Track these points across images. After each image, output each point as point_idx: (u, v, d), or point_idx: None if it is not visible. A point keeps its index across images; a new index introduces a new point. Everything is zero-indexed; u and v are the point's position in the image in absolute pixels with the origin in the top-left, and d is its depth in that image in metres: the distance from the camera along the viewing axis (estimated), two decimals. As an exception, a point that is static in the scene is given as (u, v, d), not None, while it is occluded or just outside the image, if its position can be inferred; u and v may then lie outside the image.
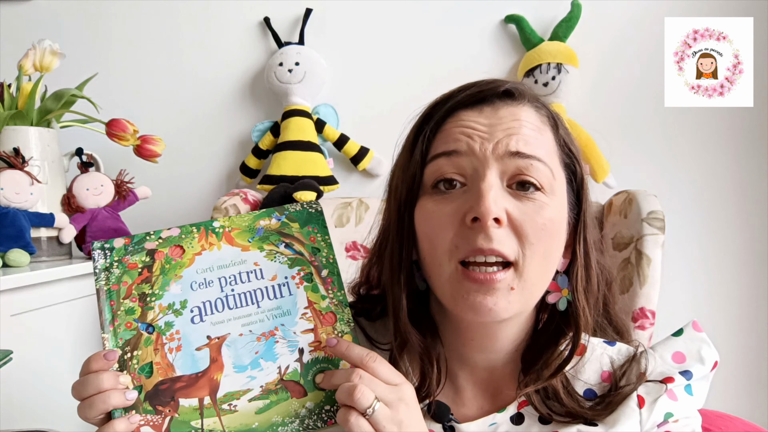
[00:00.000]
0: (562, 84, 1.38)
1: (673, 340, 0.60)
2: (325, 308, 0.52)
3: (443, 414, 0.57)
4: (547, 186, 0.53)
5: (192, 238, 0.53)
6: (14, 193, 1.17)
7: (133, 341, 0.51)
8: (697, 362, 0.58)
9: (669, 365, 0.58)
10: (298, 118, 1.45)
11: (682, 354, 0.58)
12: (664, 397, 0.55)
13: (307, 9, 1.49)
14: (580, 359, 0.59)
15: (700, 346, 0.59)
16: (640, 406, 0.55)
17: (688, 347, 0.59)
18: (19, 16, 1.58)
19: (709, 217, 1.44)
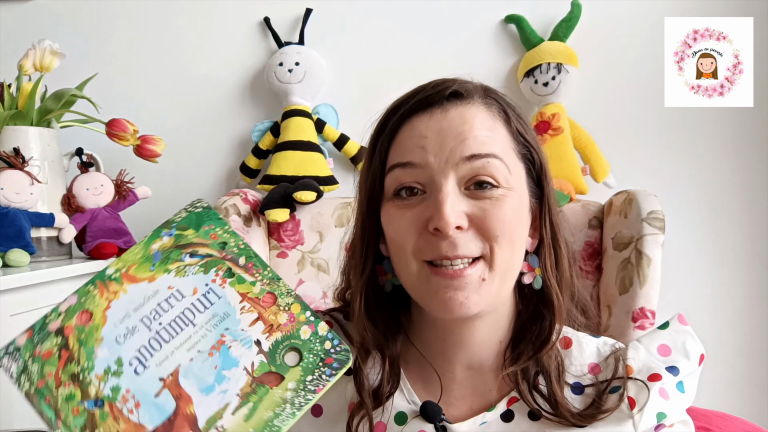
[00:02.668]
0: (562, 84, 1.38)
1: (658, 333, 0.60)
2: (259, 292, 0.51)
3: (435, 414, 0.57)
4: (503, 181, 0.54)
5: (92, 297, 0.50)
6: (14, 193, 1.17)
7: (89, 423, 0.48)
8: (683, 356, 0.58)
9: (654, 358, 0.57)
10: (298, 118, 1.45)
11: (668, 347, 0.58)
12: (656, 395, 0.55)
13: (307, 9, 1.49)
14: (566, 352, 0.59)
15: (685, 339, 0.58)
16: (631, 408, 0.55)
17: (673, 340, 0.58)
18: (19, 16, 1.58)
19: (709, 217, 1.44)
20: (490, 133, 0.55)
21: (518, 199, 0.56)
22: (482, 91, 0.59)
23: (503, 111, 0.58)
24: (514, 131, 0.57)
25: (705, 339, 1.48)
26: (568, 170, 1.36)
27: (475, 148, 0.54)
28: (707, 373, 1.49)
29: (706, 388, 1.44)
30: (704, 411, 1.11)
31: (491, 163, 0.54)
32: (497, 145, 0.55)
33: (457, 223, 0.52)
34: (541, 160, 0.59)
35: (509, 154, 0.56)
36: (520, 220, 0.56)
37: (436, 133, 0.55)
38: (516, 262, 0.56)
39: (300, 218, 1.39)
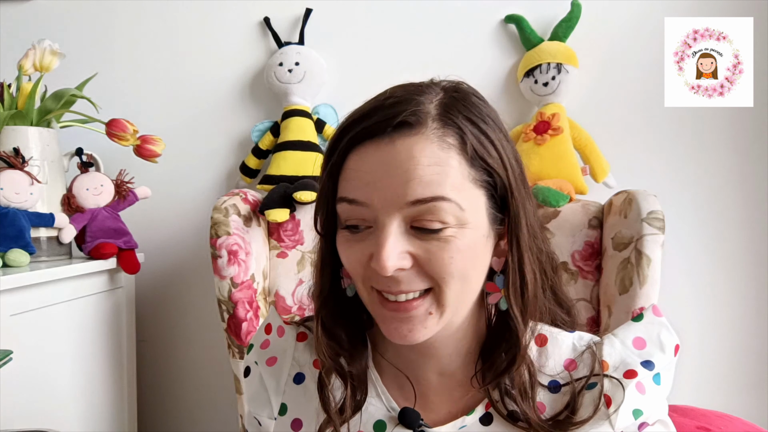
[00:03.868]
0: (562, 84, 1.38)
1: (633, 326, 0.59)
2: None
3: (413, 420, 0.57)
4: (453, 220, 0.51)
5: None
6: (14, 193, 1.17)
7: None
8: (658, 349, 0.57)
9: (630, 351, 0.57)
10: (297, 118, 1.45)
11: (643, 339, 0.58)
12: (632, 391, 0.55)
13: (307, 9, 1.49)
14: (541, 350, 0.59)
15: (660, 331, 0.58)
16: (607, 406, 0.54)
17: (648, 332, 0.58)
18: (19, 16, 1.58)
19: (709, 216, 1.44)
20: (439, 168, 0.50)
21: (472, 233, 0.53)
22: (438, 111, 0.53)
23: (459, 134, 0.52)
24: (470, 157, 0.52)
25: (705, 339, 1.49)
26: (568, 170, 1.36)
27: (420, 191, 0.50)
28: (707, 373, 1.50)
29: (706, 388, 1.44)
30: (704, 411, 1.11)
31: (438, 207, 0.50)
32: (447, 182, 0.51)
33: (397, 266, 0.51)
34: (507, 181, 0.54)
35: (463, 186, 0.52)
36: (474, 255, 0.53)
37: (381, 169, 0.51)
38: (468, 296, 0.55)
39: (300, 218, 1.39)
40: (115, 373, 1.33)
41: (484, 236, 0.54)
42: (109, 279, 1.32)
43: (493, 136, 0.54)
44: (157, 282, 1.58)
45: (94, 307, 1.26)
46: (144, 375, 1.55)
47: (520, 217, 0.54)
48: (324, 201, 0.57)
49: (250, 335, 1.25)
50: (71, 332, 1.18)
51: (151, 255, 1.51)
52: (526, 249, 0.55)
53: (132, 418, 1.41)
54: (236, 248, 1.26)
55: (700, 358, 1.43)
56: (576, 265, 1.30)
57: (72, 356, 1.18)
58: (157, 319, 1.59)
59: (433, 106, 0.53)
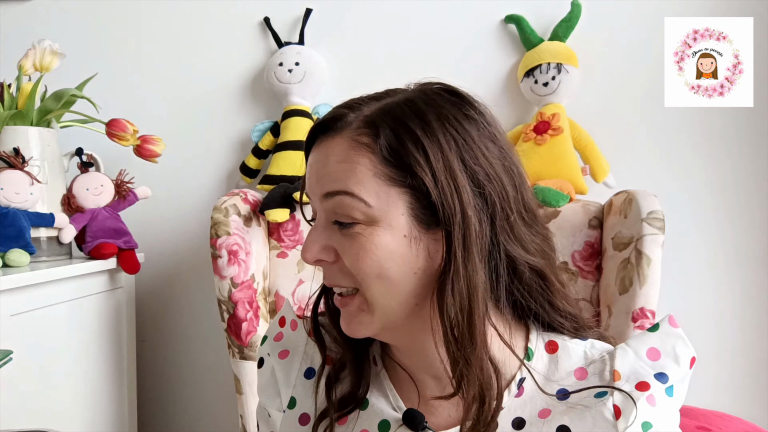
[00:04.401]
0: (562, 84, 1.38)
1: (648, 336, 0.56)
2: None
3: (417, 422, 0.57)
4: (361, 216, 0.52)
5: None
6: (14, 193, 1.17)
7: None
8: (673, 361, 0.55)
9: (643, 362, 0.55)
10: (298, 118, 1.45)
11: (657, 350, 0.55)
12: (643, 403, 0.52)
13: (307, 9, 1.49)
14: (551, 357, 0.57)
15: (675, 343, 0.55)
16: (616, 417, 0.52)
17: (663, 343, 0.55)
18: (19, 16, 1.58)
19: (709, 216, 1.44)
20: (346, 165, 0.52)
21: (386, 232, 0.52)
22: (366, 114, 0.54)
23: (374, 135, 0.53)
24: (383, 155, 0.52)
25: (705, 339, 1.49)
26: (568, 170, 1.36)
27: (328, 186, 0.54)
28: (707, 373, 1.50)
29: (706, 388, 1.44)
30: (704, 411, 1.11)
31: (342, 201, 0.53)
32: (352, 178, 0.52)
33: (316, 257, 0.55)
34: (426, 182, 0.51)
35: (371, 184, 0.52)
36: (390, 255, 0.52)
37: (311, 168, 0.57)
38: (399, 295, 0.54)
39: (300, 218, 1.39)
40: (115, 373, 1.33)
41: (404, 236, 0.52)
42: (109, 279, 1.32)
43: (424, 138, 0.52)
44: (157, 282, 1.58)
45: (94, 307, 1.26)
46: (144, 375, 1.55)
47: (453, 225, 0.51)
48: None
49: (250, 335, 1.25)
50: (71, 332, 1.18)
51: (151, 255, 1.51)
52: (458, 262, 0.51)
53: (132, 418, 1.41)
54: (236, 248, 1.26)
55: (699, 358, 1.42)
56: (576, 265, 1.30)
57: (72, 356, 1.18)
58: (157, 319, 1.59)
59: (366, 107, 0.56)
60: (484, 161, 0.53)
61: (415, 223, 0.53)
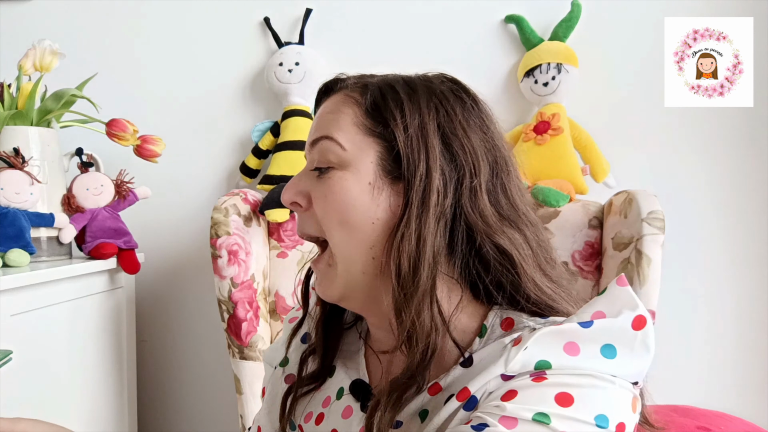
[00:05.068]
0: (562, 84, 1.38)
1: (595, 300, 0.48)
2: None
3: (361, 391, 0.59)
4: (336, 160, 0.56)
5: None
6: (14, 193, 1.17)
7: None
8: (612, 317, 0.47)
9: None
10: (298, 118, 1.45)
11: (602, 313, 0.47)
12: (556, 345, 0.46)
13: (307, 9, 1.49)
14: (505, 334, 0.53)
15: (623, 301, 0.47)
16: (514, 344, 0.47)
17: (611, 305, 0.47)
18: (19, 16, 1.58)
19: (709, 216, 1.44)
20: (333, 115, 0.58)
21: (353, 177, 0.55)
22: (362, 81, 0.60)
23: (362, 90, 0.58)
24: (366, 109, 0.57)
25: (705, 339, 1.48)
26: (568, 170, 1.36)
27: (314, 134, 0.59)
28: (707, 373, 1.50)
29: (707, 388, 1.44)
30: (704, 411, 1.11)
31: (323, 145, 0.57)
32: (335, 125, 0.57)
33: (292, 199, 0.59)
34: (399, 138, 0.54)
35: (350, 131, 0.56)
36: (352, 200, 0.55)
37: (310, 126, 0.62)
38: (358, 245, 0.55)
39: (300, 218, 1.39)
40: (115, 373, 1.33)
41: (369, 184, 0.55)
42: (109, 279, 1.32)
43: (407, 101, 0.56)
44: (157, 282, 1.58)
45: (94, 307, 1.26)
46: (144, 375, 1.55)
47: (414, 179, 0.53)
48: None
49: (250, 335, 1.25)
50: (71, 332, 1.18)
51: (151, 255, 1.51)
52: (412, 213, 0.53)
53: (132, 418, 1.41)
54: (236, 248, 1.26)
55: (700, 358, 1.43)
56: (576, 265, 1.30)
57: (72, 356, 1.18)
58: (157, 319, 1.59)
59: (368, 78, 0.60)
60: (462, 134, 0.55)
61: (381, 173, 0.55)
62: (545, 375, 0.45)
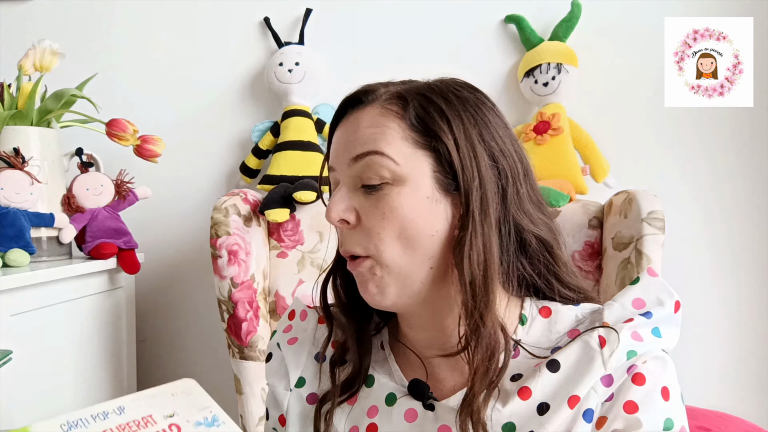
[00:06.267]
0: (562, 84, 1.38)
1: (630, 289, 0.59)
2: None
3: (423, 391, 0.59)
4: (390, 175, 0.56)
5: None
6: (14, 193, 1.17)
7: None
8: (657, 305, 0.58)
9: (629, 312, 0.58)
10: (298, 117, 1.45)
11: (642, 300, 0.58)
12: (627, 336, 0.55)
13: (307, 9, 1.49)
14: (545, 322, 0.60)
15: (658, 289, 0.58)
16: (601, 345, 0.54)
17: (646, 293, 0.58)
18: (19, 16, 1.58)
19: (709, 216, 1.44)
20: (376, 129, 0.57)
21: (411, 192, 0.56)
22: (394, 90, 0.59)
23: (402, 102, 0.58)
24: (412, 121, 0.57)
25: (705, 339, 1.48)
26: (568, 170, 1.36)
27: (357, 149, 0.57)
28: (707, 373, 1.50)
29: (707, 388, 1.44)
30: (704, 411, 1.11)
31: (372, 161, 0.56)
32: (382, 139, 0.56)
33: (340, 217, 0.58)
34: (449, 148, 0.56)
35: (400, 145, 0.56)
36: (414, 216, 0.56)
37: (339, 138, 0.60)
38: (417, 257, 0.57)
39: (300, 218, 1.39)
40: (115, 373, 1.33)
41: (427, 198, 0.56)
42: (109, 279, 1.32)
43: (448, 111, 0.57)
44: (157, 282, 1.58)
45: (94, 307, 1.26)
46: (144, 375, 1.55)
47: (471, 188, 0.56)
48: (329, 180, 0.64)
49: (251, 335, 1.25)
50: (71, 332, 1.18)
51: (151, 255, 1.51)
52: (476, 222, 0.55)
53: (132, 418, 1.41)
54: (236, 248, 1.26)
55: (700, 357, 1.43)
56: (576, 265, 1.30)
57: (72, 356, 1.18)
58: (157, 319, 1.59)
59: (393, 86, 0.60)
60: (499, 139, 0.58)
61: (437, 186, 0.57)
62: (639, 370, 0.54)
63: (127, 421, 0.51)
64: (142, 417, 0.52)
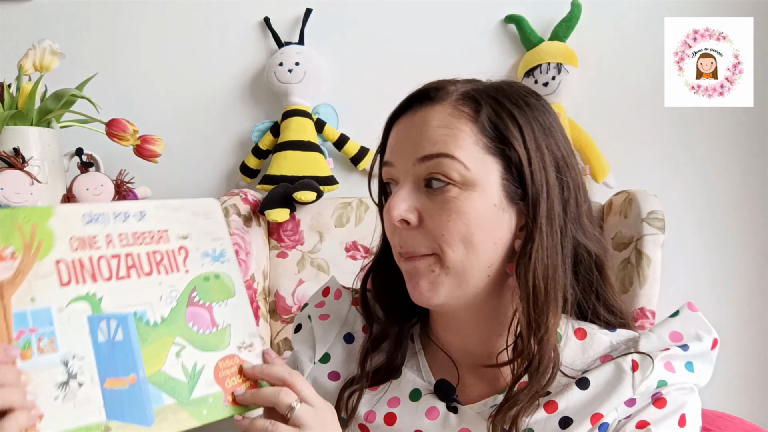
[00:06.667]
0: (562, 84, 1.38)
1: (669, 321, 0.59)
2: None
3: (448, 393, 0.59)
4: (459, 179, 0.55)
5: None
6: (14, 193, 1.17)
7: None
8: (695, 340, 0.57)
9: (665, 344, 0.57)
10: (298, 118, 1.45)
11: (679, 333, 0.58)
12: (660, 365, 0.54)
13: (307, 9, 1.49)
14: (580, 344, 0.59)
15: (698, 325, 0.58)
16: (633, 369, 0.54)
17: (684, 327, 0.58)
18: (19, 16, 1.58)
19: (709, 216, 1.44)
20: (448, 130, 0.56)
21: (480, 198, 0.55)
22: (464, 89, 0.58)
23: (475, 105, 0.57)
24: (484, 125, 0.56)
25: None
26: (568, 170, 1.36)
27: (427, 149, 0.56)
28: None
29: (707, 388, 1.44)
30: (704, 411, 1.11)
31: (442, 163, 0.55)
32: (453, 142, 0.55)
33: (402, 216, 0.56)
34: (520, 156, 0.55)
35: (471, 149, 0.55)
36: (481, 222, 0.55)
37: (403, 134, 0.59)
38: (478, 262, 0.56)
39: (300, 218, 1.39)
40: (115, 373, 1.33)
41: (495, 206, 0.56)
42: (109, 279, 1.31)
43: (520, 118, 0.56)
44: (157, 282, 1.58)
45: (94, 307, 1.26)
46: (144, 375, 1.55)
47: (540, 198, 0.55)
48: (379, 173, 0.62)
49: (250, 335, 1.25)
50: (71, 332, 1.18)
51: (151, 255, 1.51)
52: (543, 233, 0.55)
53: (132, 418, 1.41)
54: (236, 248, 1.26)
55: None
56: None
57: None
58: (157, 319, 1.59)
59: (461, 85, 0.59)
60: (563, 150, 0.58)
61: (504, 194, 0.56)
62: (663, 395, 0.54)
63: (143, 231, 0.52)
64: (158, 230, 0.53)
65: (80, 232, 0.49)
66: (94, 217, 0.51)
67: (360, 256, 1.35)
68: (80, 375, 0.46)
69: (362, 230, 1.36)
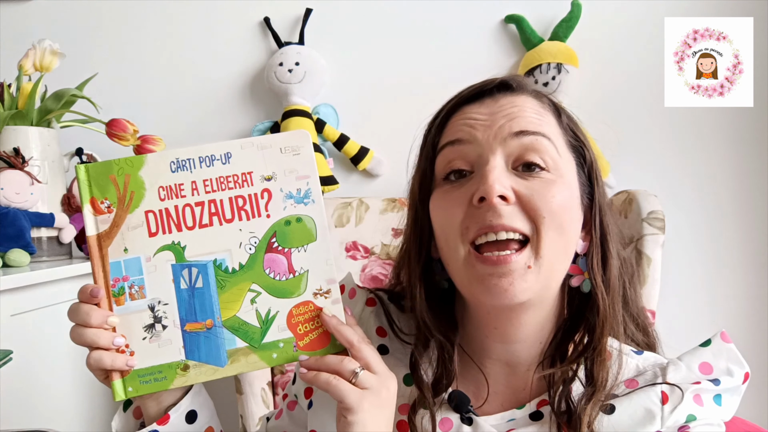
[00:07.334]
0: (562, 84, 1.38)
1: (700, 351, 0.58)
2: None
3: (463, 404, 0.58)
4: (552, 164, 0.55)
5: None
6: (14, 193, 1.17)
7: None
8: (726, 374, 0.56)
9: (695, 375, 0.56)
10: (298, 118, 1.45)
11: (710, 365, 0.57)
12: (689, 398, 0.54)
13: (307, 9, 1.49)
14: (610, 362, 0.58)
15: (729, 359, 0.57)
16: (663, 402, 0.54)
17: (716, 360, 0.57)
18: (19, 16, 1.58)
19: (709, 216, 1.44)
20: (540, 117, 0.56)
21: (567, 187, 0.55)
22: (532, 87, 0.61)
23: (553, 105, 0.59)
24: (564, 123, 0.58)
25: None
26: (568, 170, 1.36)
27: (524, 125, 0.55)
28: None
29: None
30: (704, 411, 1.11)
31: (540, 141, 0.54)
32: (547, 127, 0.56)
33: (502, 191, 0.52)
34: (592, 159, 0.58)
35: (559, 140, 0.57)
36: (571, 209, 0.55)
37: (485, 113, 0.56)
38: (564, 256, 0.55)
39: (300, 218, 1.39)
40: (115, 373, 1.33)
41: (575, 198, 0.56)
42: (109, 279, 1.31)
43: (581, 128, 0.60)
44: (157, 282, 1.58)
45: (94, 307, 1.26)
46: (144, 375, 1.55)
47: (603, 199, 0.57)
48: (422, 162, 0.60)
49: (250, 335, 1.25)
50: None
51: (151, 255, 1.51)
52: (608, 231, 0.56)
53: (132, 418, 1.41)
54: (236, 248, 1.25)
55: (700, 358, 1.43)
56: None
57: (72, 356, 1.18)
58: (157, 319, 1.59)
59: (530, 83, 0.62)
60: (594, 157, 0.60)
61: (578, 187, 0.58)
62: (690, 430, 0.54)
63: (227, 175, 0.54)
64: (242, 173, 0.54)
65: (168, 180, 0.53)
66: (181, 164, 0.53)
67: (360, 256, 1.35)
68: (164, 319, 0.53)
69: (362, 230, 1.36)
